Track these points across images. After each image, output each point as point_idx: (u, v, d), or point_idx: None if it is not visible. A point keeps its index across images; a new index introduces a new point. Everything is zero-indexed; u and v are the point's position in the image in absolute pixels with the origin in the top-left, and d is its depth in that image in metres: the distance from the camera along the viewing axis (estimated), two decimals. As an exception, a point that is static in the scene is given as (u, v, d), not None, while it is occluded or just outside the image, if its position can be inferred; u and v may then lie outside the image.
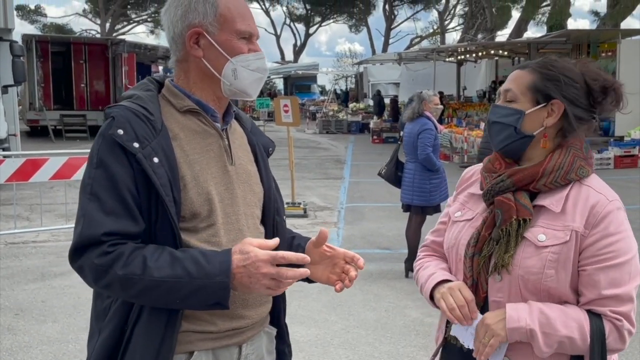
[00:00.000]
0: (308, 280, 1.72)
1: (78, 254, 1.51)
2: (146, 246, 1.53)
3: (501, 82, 20.30)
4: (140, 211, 1.54)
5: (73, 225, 1.40)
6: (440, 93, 20.35)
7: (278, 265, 1.51)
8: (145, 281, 1.47)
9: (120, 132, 1.53)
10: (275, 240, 1.58)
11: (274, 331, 1.85)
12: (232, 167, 1.70)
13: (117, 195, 1.51)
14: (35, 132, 21.15)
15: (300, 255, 1.54)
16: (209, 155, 1.66)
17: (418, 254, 2.10)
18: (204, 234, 1.61)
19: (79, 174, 7.35)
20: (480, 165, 1.93)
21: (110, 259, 1.48)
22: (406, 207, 6.57)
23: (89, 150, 1.61)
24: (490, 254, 1.75)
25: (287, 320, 1.91)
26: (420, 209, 6.42)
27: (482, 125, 14.58)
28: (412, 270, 6.63)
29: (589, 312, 1.67)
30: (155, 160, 1.54)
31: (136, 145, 1.53)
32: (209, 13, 1.64)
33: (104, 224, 1.49)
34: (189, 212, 1.59)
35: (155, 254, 1.51)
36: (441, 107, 6.66)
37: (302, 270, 1.53)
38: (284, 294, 1.84)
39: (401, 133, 6.93)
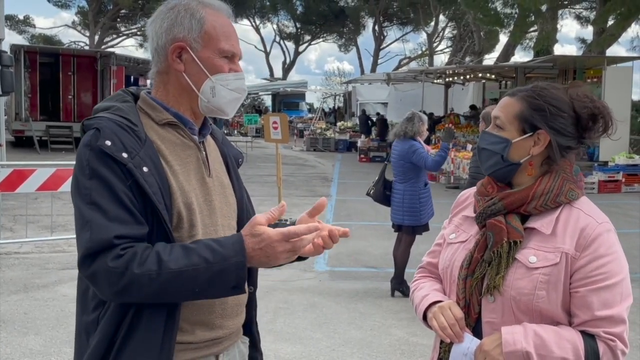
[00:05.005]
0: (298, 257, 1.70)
1: (90, 260, 1.49)
2: (156, 244, 1.53)
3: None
4: None
5: (57, 237, 1.39)
6: (430, 114, 20.50)
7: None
8: (163, 275, 1.47)
9: (108, 143, 1.54)
10: (282, 208, 1.60)
11: (247, 341, 1.88)
12: (209, 178, 1.73)
13: (117, 201, 1.51)
14: (21, 143, 21.00)
15: (311, 225, 1.58)
16: (189, 167, 1.69)
17: (415, 274, 2.13)
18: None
19: (66, 186, 7.30)
20: (474, 189, 1.97)
21: (125, 260, 1.47)
22: (397, 227, 6.56)
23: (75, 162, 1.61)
24: (482, 275, 1.78)
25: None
26: (411, 229, 6.41)
27: (469, 147, 14.70)
28: (398, 290, 6.63)
29: (582, 333, 1.69)
30: (145, 169, 1.55)
31: (125, 155, 1.54)
32: (194, 29, 1.67)
33: (113, 228, 1.49)
34: (176, 222, 1.61)
35: (167, 247, 1.52)
36: (426, 133, 6.68)
37: (312, 235, 1.58)
38: (255, 304, 1.88)
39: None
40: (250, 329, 1.88)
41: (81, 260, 1.51)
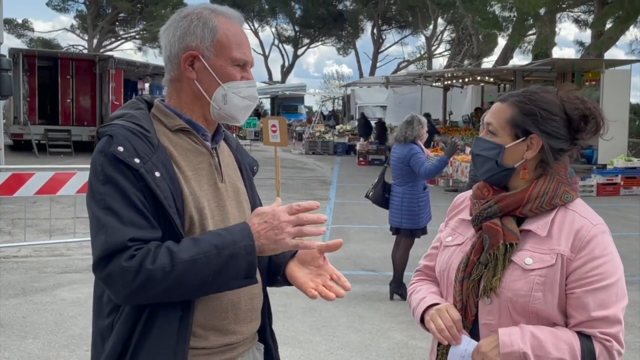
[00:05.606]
0: (286, 281, 1.80)
1: (105, 262, 1.52)
2: (165, 242, 1.56)
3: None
4: None
5: (56, 240, 1.41)
6: (428, 115, 20.50)
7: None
8: (176, 267, 1.50)
9: (121, 149, 1.56)
10: (278, 203, 1.64)
11: (262, 347, 1.88)
12: (222, 184, 1.75)
13: (131, 206, 1.54)
14: (19, 146, 21.00)
15: (312, 202, 1.62)
16: (201, 173, 1.70)
17: (412, 278, 2.15)
18: None
19: (65, 190, 7.30)
20: (470, 192, 1.98)
21: (138, 258, 1.50)
22: (395, 230, 6.57)
23: (74, 166, 1.63)
24: (479, 277, 1.80)
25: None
26: (409, 232, 6.42)
27: (468, 150, 14.71)
28: (397, 293, 6.63)
29: (578, 333, 1.71)
30: (157, 174, 1.58)
31: (137, 161, 1.56)
32: (206, 38, 1.69)
33: (128, 232, 1.51)
34: (188, 226, 1.63)
35: (176, 243, 1.56)
36: (426, 136, 6.69)
37: (319, 215, 1.62)
38: (269, 311, 1.89)
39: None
40: (264, 336, 1.88)
41: (96, 263, 1.53)
